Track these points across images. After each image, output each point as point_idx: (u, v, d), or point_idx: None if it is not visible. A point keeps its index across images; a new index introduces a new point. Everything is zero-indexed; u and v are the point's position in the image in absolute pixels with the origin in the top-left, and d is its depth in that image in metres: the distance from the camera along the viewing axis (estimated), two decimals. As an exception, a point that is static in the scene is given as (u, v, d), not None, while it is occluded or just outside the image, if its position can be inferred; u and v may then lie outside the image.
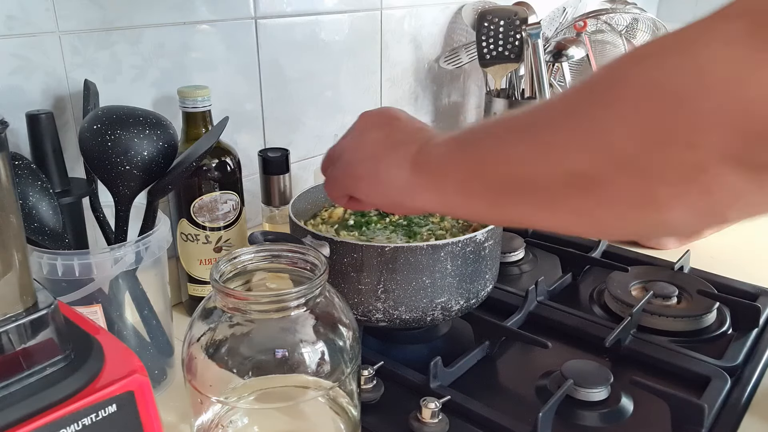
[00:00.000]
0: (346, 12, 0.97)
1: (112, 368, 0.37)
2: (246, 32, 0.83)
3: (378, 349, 0.69)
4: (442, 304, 0.64)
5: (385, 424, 0.57)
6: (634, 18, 1.34)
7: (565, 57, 1.11)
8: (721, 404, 0.59)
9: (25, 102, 0.63)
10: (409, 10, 1.08)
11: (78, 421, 0.34)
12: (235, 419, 0.51)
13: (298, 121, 0.95)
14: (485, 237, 0.64)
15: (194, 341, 0.48)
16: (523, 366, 0.68)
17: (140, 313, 0.61)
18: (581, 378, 0.60)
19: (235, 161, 0.73)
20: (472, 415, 0.58)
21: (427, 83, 1.18)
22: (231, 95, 0.84)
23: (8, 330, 0.34)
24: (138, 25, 0.71)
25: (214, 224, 0.72)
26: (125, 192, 0.57)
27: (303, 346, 0.48)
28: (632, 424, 0.58)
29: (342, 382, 0.49)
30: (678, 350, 0.67)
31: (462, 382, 0.63)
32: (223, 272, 0.48)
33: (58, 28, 0.64)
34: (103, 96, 0.65)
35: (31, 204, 0.52)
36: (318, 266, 0.48)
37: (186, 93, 0.69)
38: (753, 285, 0.80)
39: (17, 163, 0.53)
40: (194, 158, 0.57)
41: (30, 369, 0.35)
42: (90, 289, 0.55)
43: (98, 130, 0.55)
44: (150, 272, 0.61)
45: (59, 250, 0.54)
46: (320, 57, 0.95)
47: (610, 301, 0.78)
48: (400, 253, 0.61)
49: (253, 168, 0.86)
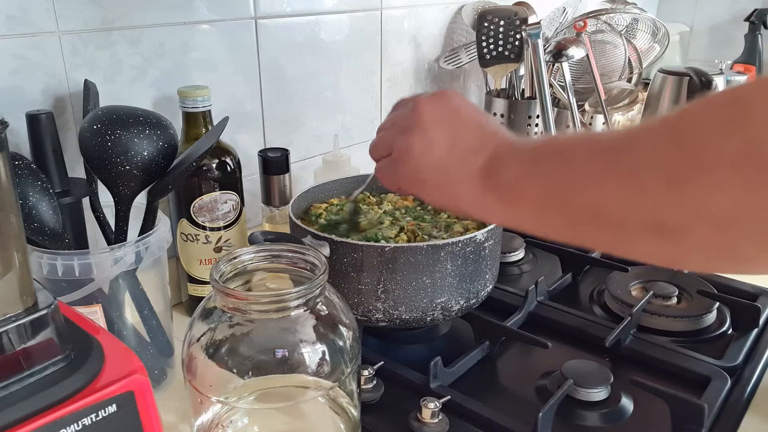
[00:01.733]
0: (346, 12, 0.97)
1: (112, 368, 0.37)
2: (246, 32, 0.83)
3: (378, 349, 0.69)
4: (442, 304, 0.64)
5: (385, 424, 0.57)
6: (634, 18, 1.34)
7: (565, 57, 1.10)
8: (721, 404, 0.59)
9: (25, 102, 0.63)
10: (409, 10, 1.08)
11: (78, 421, 0.34)
12: (235, 419, 0.51)
13: (298, 121, 0.95)
14: (485, 237, 0.64)
15: (194, 341, 0.48)
16: (523, 366, 0.68)
17: (140, 313, 0.61)
18: (581, 378, 0.60)
19: (235, 161, 0.73)
20: (472, 415, 0.58)
21: (427, 83, 1.18)
22: (231, 95, 0.84)
23: (8, 330, 0.34)
24: (138, 25, 0.71)
25: (214, 224, 0.72)
26: (125, 192, 0.57)
27: (303, 346, 0.48)
28: (632, 424, 0.58)
29: (342, 382, 0.49)
30: (678, 350, 0.67)
31: (462, 382, 0.63)
32: (223, 272, 0.48)
33: (58, 28, 0.64)
34: (103, 96, 0.65)
35: (31, 204, 0.52)
36: (318, 266, 0.48)
37: (186, 93, 0.69)
38: (753, 285, 0.80)
39: (17, 163, 0.53)
40: (194, 158, 0.57)
41: (30, 369, 0.35)
42: (90, 289, 0.55)
43: (98, 130, 0.55)
44: (150, 272, 0.61)
45: (59, 250, 0.54)
46: (320, 57, 0.95)
47: (610, 301, 0.78)
48: (400, 253, 0.61)
49: (253, 168, 0.86)
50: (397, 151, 0.51)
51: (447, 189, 0.48)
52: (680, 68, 1.11)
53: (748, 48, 1.76)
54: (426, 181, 0.49)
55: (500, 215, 0.45)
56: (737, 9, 1.84)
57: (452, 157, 0.47)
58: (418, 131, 0.49)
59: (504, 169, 0.44)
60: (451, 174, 0.47)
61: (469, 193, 0.46)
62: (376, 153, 0.54)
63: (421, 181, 0.49)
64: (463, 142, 0.47)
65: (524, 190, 0.42)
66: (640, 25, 1.35)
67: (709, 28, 1.94)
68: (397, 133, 0.51)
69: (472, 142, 0.47)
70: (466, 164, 0.46)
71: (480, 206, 0.46)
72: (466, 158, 0.47)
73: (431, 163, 0.48)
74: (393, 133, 0.52)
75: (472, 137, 0.48)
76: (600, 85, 1.17)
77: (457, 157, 0.47)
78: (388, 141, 0.52)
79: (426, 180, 0.49)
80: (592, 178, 0.37)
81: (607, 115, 1.19)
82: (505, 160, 0.44)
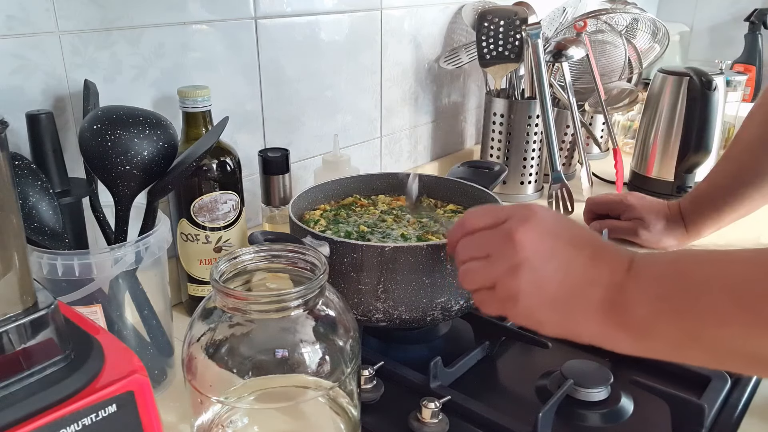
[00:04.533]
0: (346, 12, 0.97)
1: (112, 368, 0.37)
2: (246, 32, 0.83)
3: (378, 349, 0.69)
4: (442, 304, 0.64)
5: (385, 424, 0.57)
6: (634, 18, 1.34)
7: (565, 57, 1.11)
8: (721, 404, 0.59)
9: (25, 102, 0.63)
10: (409, 10, 1.08)
11: (78, 421, 0.34)
12: (235, 419, 0.51)
13: (298, 121, 0.95)
14: (485, 237, 0.64)
15: (194, 341, 0.48)
16: (523, 366, 0.68)
17: (140, 313, 0.61)
18: (581, 378, 0.60)
19: (235, 161, 0.73)
20: (472, 415, 0.58)
21: (427, 83, 1.18)
22: (231, 95, 0.84)
23: (8, 330, 0.34)
24: (138, 25, 0.71)
25: (214, 224, 0.72)
26: (125, 192, 0.57)
27: (303, 346, 0.48)
28: (632, 424, 0.58)
29: (342, 382, 0.49)
30: (678, 350, 0.67)
31: (462, 382, 0.63)
32: (223, 272, 0.48)
33: (58, 28, 0.64)
34: (103, 96, 0.65)
35: (31, 204, 0.52)
36: (318, 266, 0.48)
37: (186, 93, 0.69)
38: (753, 285, 0.80)
39: (17, 163, 0.53)
40: (194, 158, 0.57)
41: (30, 369, 0.35)
42: (90, 289, 0.55)
43: (98, 130, 0.55)
44: (150, 272, 0.61)
45: (59, 250, 0.54)
46: (320, 57, 0.95)
47: (610, 301, 0.77)
48: (400, 253, 0.61)
49: (253, 168, 0.86)
50: (505, 291, 0.48)
51: (567, 326, 0.46)
52: (680, 68, 1.11)
53: (748, 48, 1.76)
54: (543, 322, 0.48)
55: (630, 348, 0.44)
56: (737, 9, 1.85)
57: (568, 293, 0.46)
58: (527, 270, 0.46)
59: (632, 306, 0.43)
60: (569, 311, 0.46)
61: (594, 328, 0.45)
62: (473, 284, 0.51)
63: (538, 322, 0.48)
64: (576, 273, 0.46)
65: (657, 328, 0.42)
66: (640, 25, 1.35)
67: (709, 28, 1.94)
68: (501, 271, 0.48)
69: (585, 271, 0.46)
70: (584, 299, 0.45)
71: (607, 340, 0.45)
72: (583, 291, 0.45)
73: (547, 303, 0.46)
74: (493, 269, 0.48)
75: (583, 265, 0.46)
76: (600, 85, 1.17)
77: (572, 293, 0.46)
78: (487, 275, 0.49)
79: (543, 321, 0.47)
80: (738, 328, 0.38)
81: (607, 115, 1.19)
82: (631, 295, 0.43)
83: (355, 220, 0.74)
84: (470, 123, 1.35)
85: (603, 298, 0.44)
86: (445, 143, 1.29)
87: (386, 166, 1.15)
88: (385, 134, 1.12)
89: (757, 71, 1.73)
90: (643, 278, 0.43)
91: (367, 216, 0.76)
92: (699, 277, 0.41)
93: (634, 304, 0.43)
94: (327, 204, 0.80)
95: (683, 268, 0.43)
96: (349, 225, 0.73)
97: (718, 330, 0.39)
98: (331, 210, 0.77)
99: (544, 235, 0.47)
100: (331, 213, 0.76)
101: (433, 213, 0.77)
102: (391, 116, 1.12)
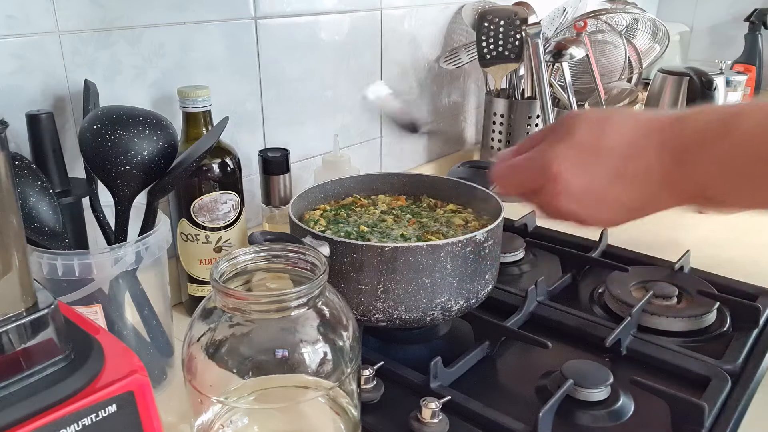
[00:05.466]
0: (346, 12, 0.97)
1: (112, 368, 0.37)
2: (246, 32, 0.83)
3: (378, 349, 0.69)
4: (442, 304, 0.64)
5: (385, 424, 0.57)
6: (634, 18, 1.34)
7: (565, 57, 1.11)
8: (721, 404, 0.59)
9: (25, 102, 0.63)
10: (409, 10, 1.08)
11: (78, 421, 0.34)
12: (235, 419, 0.51)
13: (298, 121, 0.95)
14: (485, 237, 0.64)
15: (194, 341, 0.48)
16: (523, 366, 0.68)
17: (140, 313, 0.61)
18: (581, 378, 0.60)
19: (235, 161, 0.73)
20: (472, 415, 0.58)
21: (427, 83, 1.18)
22: (231, 95, 0.84)
23: (8, 330, 0.34)
24: (138, 25, 0.71)
25: (214, 224, 0.72)
26: (125, 192, 0.57)
27: (303, 346, 0.48)
28: (632, 424, 0.58)
29: (342, 382, 0.49)
30: (678, 350, 0.67)
31: (462, 382, 0.63)
32: (223, 272, 0.48)
33: (58, 28, 0.64)
34: (103, 96, 0.65)
35: (31, 204, 0.52)
36: (318, 266, 0.48)
37: (186, 93, 0.69)
38: (753, 285, 0.80)
39: (17, 163, 0.53)
40: (194, 158, 0.57)
41: (30, 369, 0.35)
42: (90, 289, 0.55)
43: (98, 130, 0.55)
44: (150, 272, 0.61)
45: (59, 250, 0.54)
46: (320, 57, 0.95)
47: (610, 301, 0.78)
48: (400, 253, 0.61)
49: (253, 168, 0.86)
50: (552, 193, 0.52)
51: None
52: (680, 68, 1.11)
53: (748, 48, 1.76)
54: (596, 223, 0.52)
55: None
56: (737, 9, 1.84)
57: (624, 209, 0.49)
58: (586, 188, 0.49)
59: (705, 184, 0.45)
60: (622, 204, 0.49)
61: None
62: (518, 188, 0.57)
63: (592, 222, 0.52)
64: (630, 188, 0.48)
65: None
66: (640, 25, 1.36)
67: (709, 28, 1.94)
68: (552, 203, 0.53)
69: (636, 169, 0.47)
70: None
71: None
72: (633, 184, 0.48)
73: (602, 219, 0.51)
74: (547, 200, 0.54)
75: (636, 167, 0.47)
76: (600, 85, 1.17)
77: (627, 209, 0.49)
78: (541, 182, 0.53)
79: (596, 222, 0.52)
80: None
81: (607, 115, 1.19)
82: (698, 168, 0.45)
83: (355, 220, 0.74)
84: (470, 123, 1.35)
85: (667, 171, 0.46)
86: (445, 143, 1.29)
87: (386, 166, 1.15)
88: (385, 134, 1.12)
89: (757, 71, 1.73)
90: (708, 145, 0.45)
91: (367, 216, 0.76)
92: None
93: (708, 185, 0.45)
94: (327, 204, 0.80)
95: (739, 131, 0.44)
96: (349, 225, 0.73)
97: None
98: (331, 210, 0.77)
99: (598, 140, 0.49)
100: (331, 213, 0.76)
101: (433, 213, 0.77)
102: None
